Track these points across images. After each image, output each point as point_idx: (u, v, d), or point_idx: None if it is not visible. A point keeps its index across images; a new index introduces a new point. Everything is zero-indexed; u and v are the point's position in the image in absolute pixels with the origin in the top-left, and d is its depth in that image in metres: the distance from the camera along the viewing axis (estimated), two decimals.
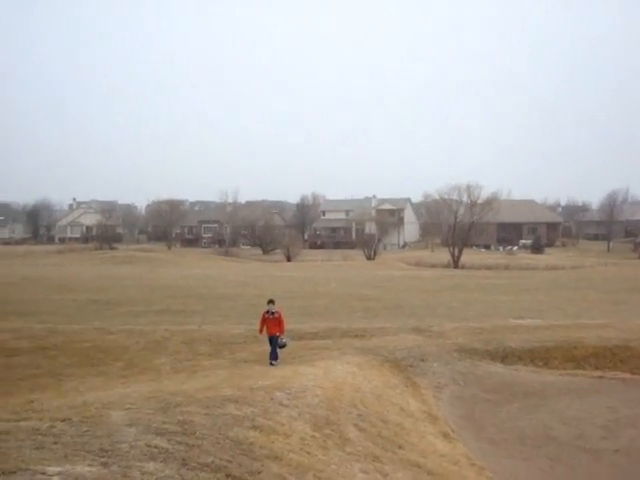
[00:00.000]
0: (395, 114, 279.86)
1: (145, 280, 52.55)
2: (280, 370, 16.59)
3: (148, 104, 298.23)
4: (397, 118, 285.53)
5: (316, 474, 8.72)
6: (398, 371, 18.90)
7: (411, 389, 17.88)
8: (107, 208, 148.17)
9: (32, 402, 13.33)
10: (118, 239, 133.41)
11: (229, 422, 9.77)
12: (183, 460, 7.25)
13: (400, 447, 12.81)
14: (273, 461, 8.55)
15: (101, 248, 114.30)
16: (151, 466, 6.68)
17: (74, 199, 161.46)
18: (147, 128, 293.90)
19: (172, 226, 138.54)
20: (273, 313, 18.10)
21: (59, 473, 5.88)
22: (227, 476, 6.99)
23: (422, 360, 20.09)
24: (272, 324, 18.05)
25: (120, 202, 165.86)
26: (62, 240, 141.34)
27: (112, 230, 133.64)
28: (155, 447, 7.56)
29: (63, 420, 8.80)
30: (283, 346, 18.28)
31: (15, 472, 5.76)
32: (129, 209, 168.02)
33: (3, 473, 5.70)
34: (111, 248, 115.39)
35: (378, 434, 13.06)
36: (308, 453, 9.86)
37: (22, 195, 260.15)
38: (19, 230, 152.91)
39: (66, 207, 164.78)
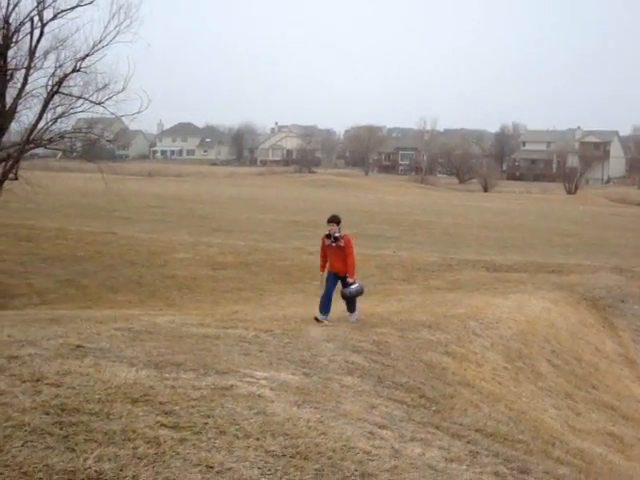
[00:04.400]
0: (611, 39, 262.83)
1: (342, 204, 53.54)
2: (473, 300, 16.50)
3: (352, 31, 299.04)
4: (612, 44, 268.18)
5: (508, 404, 8.74)
6: (595, 310, 18.27)
7: (608, 330, 17.27)
8: (307, 132, 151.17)
9: (236, 312, 14.21)
10: (317, 163, 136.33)
11: (423, 346, 9.95)
12: (378, 378, 7.51)
13: (594, 387, 12.52)
14: (465, 387, 8.65)
15: (300, 171, 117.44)
16: (349, 380, 6.98)
17: (276, 123, 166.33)
18: (349, 54, 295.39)
19: (369, 152, 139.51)
20: (336, 239, 11.64)
21: (266, 378, 6.30)
22: (421, 397, 7.18)
23: (622, 301, 19.27)
24: (334, 256, 11.77)
25: (320, 127, 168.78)
26: (264, 162, 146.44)
27: (311, 154, 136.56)
28: (352, 363, 7.88)
29: (266, 331, 9.33)
30: (354, 295, 11.74)
31: (227, 373, 6.23)
32: (328, 134, 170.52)
33: (217, 372, 6.19)
34: (310, 171, 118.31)
35: (571, 372, 12.82)
36: (500, 383, 9.88)
37: (228, 118, 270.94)
38: (224, 152, 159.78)
39: (268, 131, 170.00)
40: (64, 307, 17.05)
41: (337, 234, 11.74)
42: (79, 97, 22.74)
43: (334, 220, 11.91)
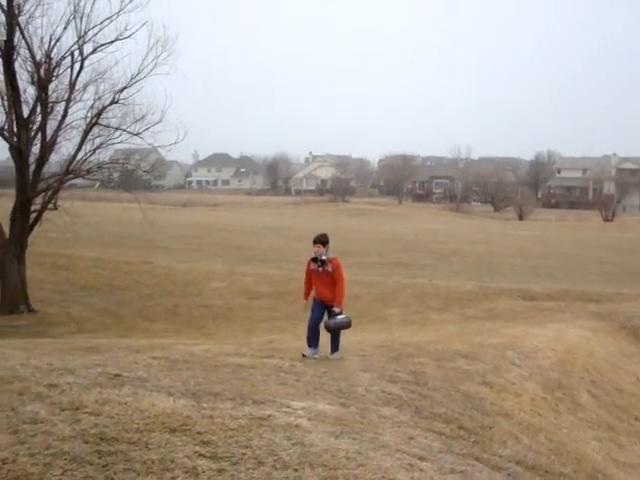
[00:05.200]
0: None
1: (376, 233, 53.54)
2: (510, 329, 16.32)
3: (383, 62, 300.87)
4: None
5: (548, 436, 8.59)
6: (635, 339, 17.93)
7: None
8: (341, 162, 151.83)
9: (272, 342, 14.22)
10: (351, 192, 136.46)
11: (460, 376, 9.84)
12: (416, 408, 7.43)
13: (636, 419, 12.26)
14: (504, 418, 8.53)
15: (335, 200, 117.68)
16: (386, 410, 6.92)
17: (310, 153, 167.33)
18: (382, 84, 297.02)
19: (403, 181, 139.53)
20: (323, 262, 10.12)
21: (303, 408, 6.27)
22: (459, 428, 7.09)
23: None
24: (321, 282, 10.21)
25: (354, 156, 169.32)
26: (298, 192, 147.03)
27: (345, 183, 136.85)
28: (389, 393, 7.82)
29: (302, 361, 9.31)
30: (339, 327, 10.17)
31: (264, 403, 6.21)
32: (362, 163, 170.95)
33: (254, 402, 6.18)
34: (344, 201, 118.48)
35: (612, 403, 12.57)
36: (539, 414, 9.72)
37: (263, 148, 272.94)
38: (259, 182, 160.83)
39: (302, 160, 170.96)
40: (101, 336, 17.19)
41: (324, 257, 10.15)
42: (117, 128, 23.08)
43: (320, 241, 10.26)
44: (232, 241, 42.04)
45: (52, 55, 22.22)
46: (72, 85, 22.61)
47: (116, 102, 22.57)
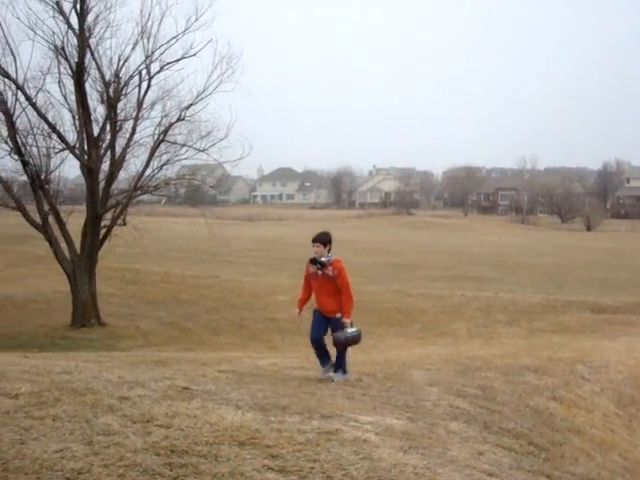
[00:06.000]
0: None
1: (441, 246, 53.15)
2: (580, 343, 15.99)
3: (447, 73, 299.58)
4: None
5: (621, 453, 8.38)
6: None
7: None
8: (405, 175, 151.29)
9: None
10: (415, 205, 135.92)
11: (529, 391, 9.68)
12: (485, 423, 7.34)
13: None
14: (575, 435, 8.36)
15: (399, 213, 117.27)
16: (454, 425, 6.85)
17: (374, 166, 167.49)
18: (446, 95, 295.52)
19: (468, 193, 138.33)
20: (323, 265, 8.72)
21: (370, 422, 6.25)
22: (529, 444, 6.97)
23: None
24: (321, 289, 8.85)
25: (418, 169, 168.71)
26: (362, 205, 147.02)
27: (409, 196, 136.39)
28: (457, 408, 7.73)
29: (368, 374, 9.29)
30: (350, 342, 8.88)
31: (332, 417, 6.21)
32: (426, 175, 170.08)
33: (322, 416, 6.19)
34: (408, 213, 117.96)
35: None
36: (612, 431, 9.48)
37: (327, 162, 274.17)
38: (323, 195, 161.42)
39: (366, 174, 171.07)
40: (169, 349, 17.47)
41: (324, 259, 8.70)
42: (183, 145, 23.49)
43: (320, 239, 8.80)
44: (297, 255, 42.09)
45: (121, 75, 22.79)
46: (140, 103, 23.12)
47: (182, 119, 22.99)
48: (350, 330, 8.79)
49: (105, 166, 23.28)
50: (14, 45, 21.36)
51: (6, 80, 21.61)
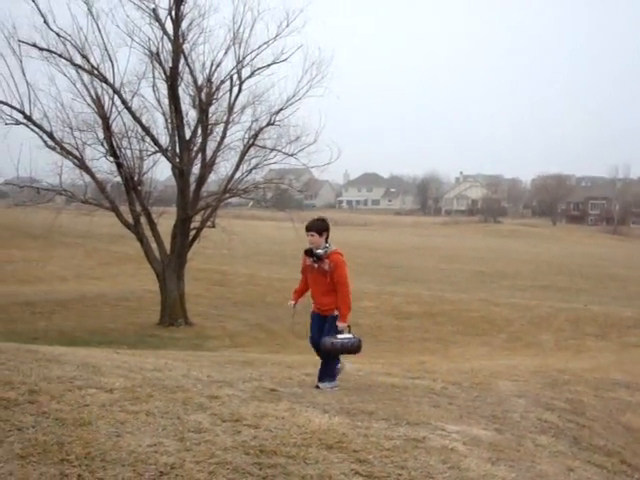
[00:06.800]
0: None
1: (529, 255, 52.21)
2: None
3: (535, 79, 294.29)
4: None
5: None
6: None
7: None
8: (492, 182, 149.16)
9: (423, 363, 14.11)
10: (502, 213, 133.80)
11: (620, 407, 9.41)
12: (574, 438, 7.16)
13: None
14: None
15: (485, 221, 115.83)
16: (543, 439, 6.71)
17: (461, 173, 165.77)
18: (535, 102, 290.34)
19: (557, 202, 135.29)
20: (318, 257, 7.77)
21: (457, 432, 6.19)
22: (621, 462, 6.76)
23: None
24: (316, 284, 7.89)
25: (505, 176, 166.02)
26: (448, 212, 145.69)
27: (497, 204, 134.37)
28: (545, 421, 7.58)
29: (454, 383, 9.19)
30: (340, 349, 7.72)
31: (418, 424, 6.19)
32: (514, 183, 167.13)
33: (408, 423, 6.17)
34: (495, 221, 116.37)
35: None
36: None
37: (413, 168, 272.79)
38: (409, 202, 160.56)
39: (453, 180, 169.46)
40: (254, 350, 17.67)
41: (321, 250, 7.72)
42: (272, 149, 23.72)
43: (315, 227, 7.79)
44: (382, 261, 42.20)
45: (213, 79, 23.22)
46: (231, 108, 23.50)
47: (272, 124, 23.24)
48: (342, 336, 7.59)
49: (196, 169, 23.74)
50: (112, 52, 22.07)
51: (104, 85, 22.30)
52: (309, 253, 7.79)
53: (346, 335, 7.63)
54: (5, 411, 5.26)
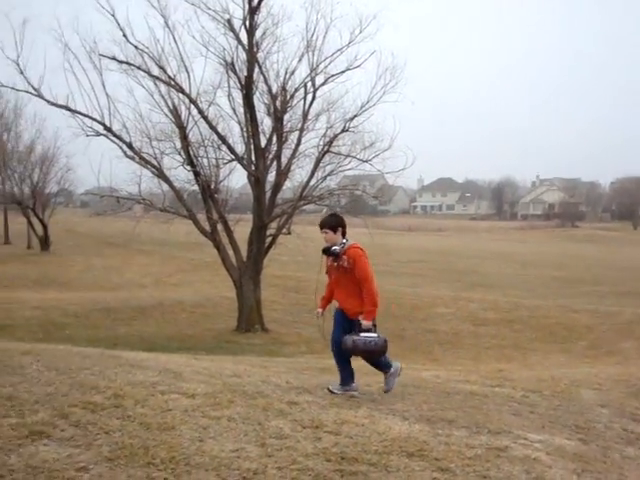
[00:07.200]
0: None
1: (609, 260, 50.94)
2: None
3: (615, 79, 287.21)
4: None
5: None
6: None
7: None
8: (570, 185, 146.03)
9: (501, 370, 13.90)
10: (580, 217, 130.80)
11: None
12: None
13: None
14: None
15: (562, 226, 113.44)
16: (630, 451, 6.52)
17: (537, 176, 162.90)
18: (608, 104, 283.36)
19: (638, 205, 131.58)
20: (335, 255, 7.33)
21: (540, 441, 6.07)
22: None
23: None
24: (337, 284, 7.44)
25: (583, 179, 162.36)
26: (524, 217, 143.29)
27: (574, 208, 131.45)
28: (632, 432, 7.35)
29: (534, 391, 9.01)
30: (369, 350, 7.14)
31: (500, 433, 6.09)
32: (592, 186, 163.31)
33: (489, 432, 6.08)
34: (573, 226, 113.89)
35: None
36: None
37: (488, 172, 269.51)
38: (484, 206, 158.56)
39: (529, 184, 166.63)
40: (330, 357, 17.66)
41: (337, 247, 7.31)
42: (347, 155, 23.74)
43: (328, 224, 7.45)
44: (457, 266, 41.78)
45: (287, 87, 23.39)
46: (305, 115, 23.63)
47: (346, 130, 23.25)
48: (365, 335, 7.04)
49: (271, 176, 23.94)
50: (188, 62, 22.50)
51: (180, 95, 22.74)
52: (326, 252, 7.39)
53: (370, 334, 7.07)
54: (92, 415, 5.42)
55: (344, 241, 7.31)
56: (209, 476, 4.29)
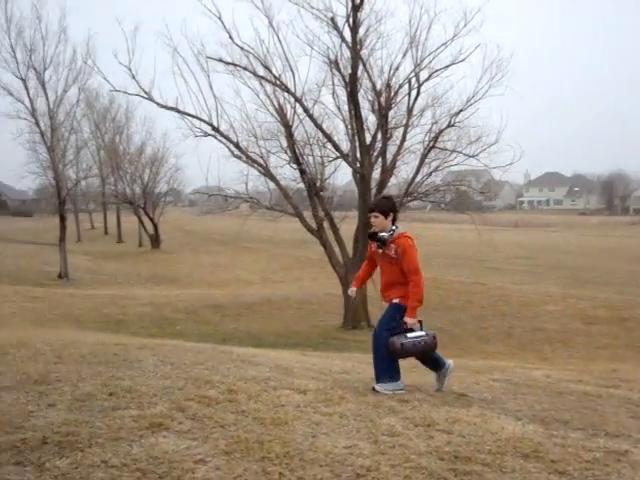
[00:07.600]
0: None
1: None
2: None
3: None
4: None
5: None
6: None
7: None
8: None
9: (615, 370, 13.45)
10: None
11: None
12: None
13: None
14: None
15: None
16: None
17: None
18: None
19: None
20: (382, 241, 6.82)
21: None
22: None
23: None
24: (384, 273, 7.00)
25: None
26: (637, 211, 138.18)
27: None
28: None
29: None
30: (417, 350, 6.76)
31: (618, 436, 5.87)
32: None
33: (607, 434, 5.88)
34: None
35: None
36: None
37: (597, 166, 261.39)
38: (593, 201, 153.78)
39: None
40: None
41: (385, 234, 6.76)
42: (452, 151, 23.52)
43: (378, 207, 6.84)
44: (566, 263, 40.70)
45: (391, 84, 23.36)
46: (410, 111, 23.53)
47: (452, 125, 23.03)
48: (413, 335, 6.61)
49: (376, 173, 23.95)
50: (293, 61, 22.80)
51: (285, 94, 23.06)
52: (372, 237, 6.86)
53: (418, 333, 6.64)
54: (208, 408, 5.56)
55: (394, 227, 6.78)
56: (323, 472, 4.33)
